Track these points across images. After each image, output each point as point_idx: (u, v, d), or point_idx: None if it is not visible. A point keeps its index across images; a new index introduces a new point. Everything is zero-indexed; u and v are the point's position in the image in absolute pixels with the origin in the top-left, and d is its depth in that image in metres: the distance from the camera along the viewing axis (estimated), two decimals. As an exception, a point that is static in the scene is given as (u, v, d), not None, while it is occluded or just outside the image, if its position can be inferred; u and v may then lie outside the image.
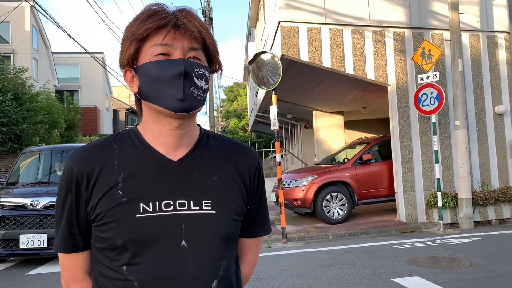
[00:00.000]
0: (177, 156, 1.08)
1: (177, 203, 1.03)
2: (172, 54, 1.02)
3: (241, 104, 41.25)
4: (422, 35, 9.12)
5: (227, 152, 1.15)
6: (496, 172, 9.25)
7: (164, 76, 1.00)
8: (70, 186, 1.05)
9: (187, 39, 1.03)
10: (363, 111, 14.02)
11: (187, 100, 1.01)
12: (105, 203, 1.02)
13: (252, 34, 19.09)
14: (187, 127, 1.08)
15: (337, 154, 11.27)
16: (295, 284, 5.03)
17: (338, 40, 8.81)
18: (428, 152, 8.95)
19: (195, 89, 1.02)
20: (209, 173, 1.09)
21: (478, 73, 9.36)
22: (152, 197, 1.02)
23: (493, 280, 4.81)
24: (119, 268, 1.01)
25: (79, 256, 1.09)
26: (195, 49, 1.04)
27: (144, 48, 1.03)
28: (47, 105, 16.66)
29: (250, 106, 23.55)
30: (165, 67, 1.01)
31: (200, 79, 1.03)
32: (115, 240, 1.00)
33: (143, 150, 1.08)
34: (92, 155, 1.07)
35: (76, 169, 1.05)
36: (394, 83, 9.03)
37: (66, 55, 29.82)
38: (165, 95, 1.01)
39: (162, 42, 1.01)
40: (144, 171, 1.05)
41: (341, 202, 9.28)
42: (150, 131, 1.09)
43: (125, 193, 1.02)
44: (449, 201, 8.48)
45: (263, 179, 1.21)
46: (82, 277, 1.11)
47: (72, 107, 22.96)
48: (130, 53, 1.04)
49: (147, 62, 1.02)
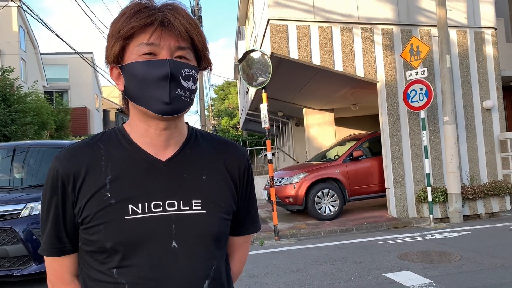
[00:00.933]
0: (165, 156, 1.06)
1: (167, 204, 1.01)
2: (159, 53, 0.99)
3: (232, 103, 41.23)
4: (410, 32, 9.18)
5: (216, 150, 1.13)
6: (484, 167, 9.36)
7: (150, 77, 0.97)
8: (56, 188, 1.02)
9: (174, 38, 1.00)
10: (353, 108, 14.08)
11: (174, 103, 0.99)
12: (93, 205, 1.00)
13: (242, 33, 19.08)
14: (174, 127, 1.06)
15: (328, 151, 11.31)
16: (287, 281, 5.05)
17: (327, 38, 8.84)
18: (418, 147, 9.03)
19: (182, 91, 0.99)
20: (198, 172, 1.07)
21: (466, 69, 9.45)
22: (141, 198, 1.00)
23: (482, 273, 4.88)
24: (109, 271, 0.99)
25: (66, 259, 1.07)
26: (182, 48, 1.01)
27: (130, 46, 1.00)
28: (36, 106, 16.52)
29: (241, 105, 23.55)
30: (151, 68, 0.97)
31: (187, 80, 1.00)
32: (104, 243, 0.98)
33: (130, 150, 1.05)
34: (78, 156, 1.04)
35: (62, 170, 1.02)
36: (383, 79, 9.09)
37: (55, 56, 29.54)
38: (151, 98, 0.98)
39: (148, 41, 0.98)
40: (132, 171, 1.03)
41: (333, 199, 9.33)
42: (137, 131, 1.06)
43: (113, 194, 1.00)
44: (439, 196, 8.56)
45: (252, 176, 1.20)
46: (69, 280, 1.08)
47: (61, 108, 22.79)
48: (115, 51, 1.01)
49: (133, 62, 0.99)
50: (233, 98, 41.25)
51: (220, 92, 45.89)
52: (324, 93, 12.52)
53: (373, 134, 10.31)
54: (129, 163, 1.04)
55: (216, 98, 46.55)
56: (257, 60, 7.87)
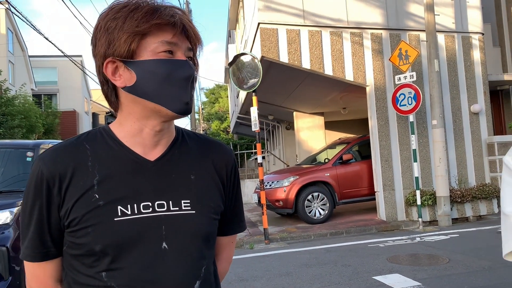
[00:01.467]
0: (153, 156, 1.04)
1: (156, 205, 1.00)
2: (176, 53, 1.00)
3: (222, 106, 41.23)
4: (399, 36, 9.27)
5: (203, 150, 1.13)
6: (472, 170, 9.45)
7: (173, 76, 0.98)
8: (40, 190, 0.99)
9: (187, 40, 1.02)
10: (342, 112, 14.16)
11: (189, 103, 1.02)
12: (80, 207, 0.97)
13: (232, 36, 19.11)
14: (167, 128, 1.06)
15: (318, 155, 11.35)
16: (277, 284, 5.05)
17: (317, 42, 8.89)
18: (407, 151, 9.10)
19: (193, 91, 1.03)
20: (187, 172, 1.06)
21: (454, 73, 9.56)
22: (130, 199, 0.99)
23: (470, 275, 4.92)
24: (98, 274, 0.97)
25: (50, 264, 1.03)
26: (191, 49, 1.04)
27: (144, 42, 0.98)
28: (24, 109, 16.36)
29: (231, 108, 23.55)
30: (174, 67, 0.99)
31: (195, 82, 1.05)
32: (93, 246, 0.95)
33: (117, 150, 1.03)
34: (63, 156, 1.01)
35: (47, 171, 0.98)
36: (372, 83, 9.15)
37: (44, 59, 29.30)
38: (170, 96, 0.99)
39: (169, 39, 0.99)
40: (120, 172, 1.01)
41: (323, 202, 9.35)
42: (128, 130, 1.04)
43: (102, 196, 0.98)
44: (427, 199, 8.63)
45: (239, 176, 1.20)
46: (52, 286, 1.05)
47: (50, 111, 22.59)
48: (133, 46, 0.97)
49: (154, 59, 0.98)
50: (224, 101, 41.26)
51: (211, 95, 45.88)
52: (314, 97, 12.57)
53: (362, 138, 10.37)
54: (116, 163, 1.02)
55: (207, 101, 46.53)
56: (247, 63, 7.88)
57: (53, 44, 14.19)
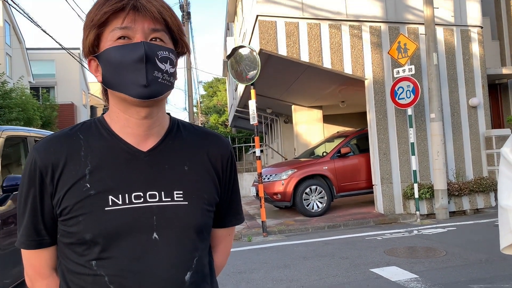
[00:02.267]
0: (146, 146, 1.04)
1: (148, 195, 1.00)
2: (133, 37, 0.97)
3: (221, 100, 41.17)
4: (398, 29, 9.24)
5: (199, 141, 1.12)
6: (470, 164, 9.48)
7: (125, 61, 0.96)
8: (34, 179, 1.00)
9: (148, 20, 0.98)
10: (341, 105, 14.15)
11: (151, 85, 0.96)
12: (72, 196, 0.98)
13: (231, 29, 19.04)
14: (155, 115, 1.04)
15: (316, 148, 11.36)
16: (275, 277, 5.07)
17: (315, 35, 8.86)
18: (405, 144, 9.10)
19: (159, 73, 0.97)
20: (180, 163, 1.06)
21: (453, 67, 9.55)
22: (121, 189, 0.99)
23: (467, 267, 4.94)
24: (88, 263, 0.97)
25: (45, 252, 1.04)
26: (157, 30, 0.99)
27: (104, 33, 0.98)
28: (21, 102, 16.31)
29: (229, 102, 23.52)
30: (126, 51, 0.96)
31: (165, 62, 0.98)
32: (83, 235, 0.96)
33: (110, 141, 1.03)
34: (56, 146, 1.02)
35: (40, 161, 1.00)
36: (371, 77, 9.14)
37: (41, 51, 29.18)
38: (128, 82, 0.96)
39: (121, 25, 0.97)
40: (113, 162, 1.01)
41: (320, 195, 9.37)
42: (117, 121, 1.04)
43: (93, 185, 0.98)
44: (425, 193, 8.65)
45: (236, 168, 1.19)
46: (48, 274, 1.06)
47: (48, 104, 22.53)
48: (90, 40, 0.99)
49: (108, 48, 0.97)
50: (222, 95, 41.19)
51: (209, 89, 45.78)
52: (313, 90, 12.56)
53: (360, 131, 10.38)
54: (109, 153, 1.02)
55: (205, 95, 46.43)
56: (246, 56, 7.86)
57: (50, 36, 14.17)
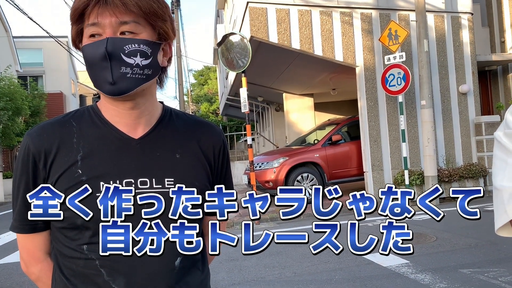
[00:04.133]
0: (138, 134, 1.05)
1: (139, 182, 1.01)
2: (103, 33, 0.96)
3: (211, 88, 41.00)
4: (389, 16, 9.22)
5: (191, 130, 1.12)
6: (460, 150, 9.56)
7: (94, 59, 0.96)
8: (27, 165, 1.02)
9: (115, 13, 0.95)
10: (332, 93, 14.15)
11: (119, 82, 0.96)
12: (63, 182, 0.99)
13: (221, 16, 18.88)
14: (142, 105, 1.04)
15: (308, 136, 11.38)
16: (267, 264, 5.10)
17: (306, 22, 8.81)
18: (395, 131, 9.15)
19: (128, 69, 0.96)
20: (171, 151, 1.06)
21: (443, 54, 9.57)
22: (112, 175, 1.00)
23: (457, 252, 5.01)
24: (80, 247, 0.99)
25: (38, 236, 1.06)
26: (125, 22, 0.96)
27: (84, 29, 0.99)
28: (9, 91, 16.07)
29: (220, 90, 23.42)
30: (93, 49, 0.96)
31: (134, 56, 0.96)
32: (74, 219, 0.96)
33: (103, 128, 1.05)
34: (49, 133, 1.03)
35: (33, 147, 1.01)
36: (362, 64, 9.13)
37: (28, 39, 28.67)
38: (99, 79, 0.97)
39: (90, 21, 0.96)
40: (104, 149, 1.02)
41: (312, 183, 9.41)
42: (108, 110, 1.06)
43: (85, 171, 0.99)
44: (415, 179, 8.73)
45: (228, 157, 1.20)
46: (42, 258, 1.08)
47: (36, 93, 22.22)
48: (72, 35, 1.02)
49: (83, 45, 0.99)
50: (213, 83, 40.99)
51: (200, 77, 45.53)
52: (304, 78, 12.54)
53: (351, 119, 10.40)
54: (101, 140, 1.03)
55: (196, 83, 46.18)
56: (237, 43, 7.80)
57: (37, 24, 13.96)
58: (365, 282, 4.35)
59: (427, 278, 4.35)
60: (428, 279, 4.31)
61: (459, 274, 4.35)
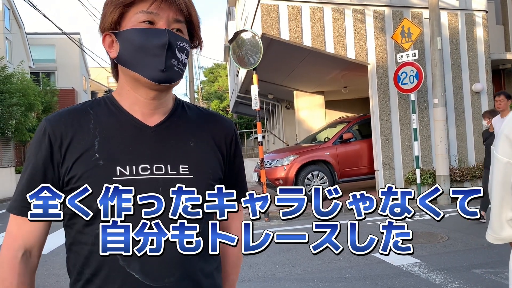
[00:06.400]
0: (153, 122, 1.08)
1: (154, 168, 1.03)
2: (157, 23, 1.02)
3: (221, 85, 41.01)
4: (402, 14, 9.14)
5: (203, 121, 1.16)
6: (472, 149, 9.45)
7: (147, 44, 1.00)
8: (41, 144, 1.03)
9: (173, 10, 1.02)
10: (343, 91, 14.08)
11: (168, 71, 1.01)
12: (80, 165, 1.00)
13: (232, 13, 18.87)
14: (163, 98, 1.09)
15: (318, 134, 11.33)
16: (277, 261, 5.09)
17: (318, 19, 8.76)
18: (407, 130, 9.07)
19: (176, 62, 1.02)
20: (185, 139, 1.10)
21: (456, 52, 9.46)
22: (128, 160, 1.02)
23: (469, 252, 4.96)
24: (94, 232, 0.97)
25: (28, 224, 1.02)
26: (179, 21, 1.04)
27: (129, 14, 1.02)
28: (22, 87, 16.23)
29: (231, 87, 23.42)
30: (150, 35, 1.00)
31: (182, 52, 1.03)
32: (90, 203, 0.95)
33: (119, 115, 1.07)
34: (66, 118, 1.06)
35: (50, 129, 1.03)
36: (374, 62, 9.06)
37: (41, 36, 28.94)
38: (146, 64, 1.01)
39: (147, 9, 1.01)
40: (121, 135, 1.05)
41: (322, 181, 9.37)
42: (126, 98, 1.09)
43: (102, 155, 1.01)
44: (427, 178, 8.65)
45: (240, 147, 1.22)
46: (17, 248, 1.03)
47: (48, 89, 22.42)
48: (113, 17, 1.03)
49: (131, 28, 1.02)
50: (223, 80, 41.00)
51: (210, 74, 45.55)
52: (315, 75, 12.48)
53: (363, 117, 10.34)
54: (117, 127, 1.06)
55: (206, 80, 46.23)
56: (248, 40, 7.78)
57: (50, 21, 14.05)
58: (376, 281, 4.31)
59: (439, 277, 4.31)
60: (440, 279, 4.26)
61: (471, 274, 4.30)
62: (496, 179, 1.09)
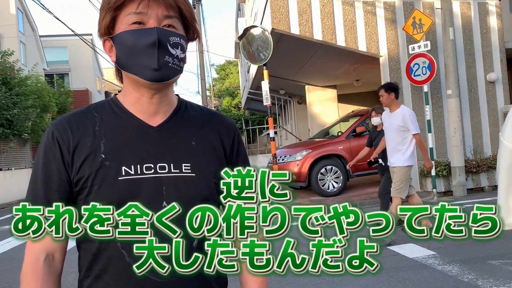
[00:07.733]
0: (156, 122, 1.11)
1: (158, 167, 1.06)
2: (147, 22, 1.03)
3: (233, 82, 41.03)
4: (413, 5, 9.03)
5: (205, 120, 1.18)
6: (488, 140, 9.32)
7: (138, 45, 1.02)
8: (51, 149, 1.05)
9: (162, 7, 1.03)
10: (355, 84, 13.99)
11: (162, 69, 1.03)
12: (87, 166, 1.04)
13: (242, 10, 18.86)
14: (165, 96, 1.11)
15: (331, 128, 11.29)
16: (291, 255, 5.10)
17: (328, 12, 8.71)
18: (421, 122, 8.96)
19: (170, 58, 1.03)
20: (188, 138, 1.12)
21: (470, 41, 9.33)
22: (133, 160, 1.05)
23: (485, 244, 4.89)
24: None
25: None
26: (170, 17, 1.04)
27: (120, 17, 1.04)
28: (37, 89, 16.45)
29: (242, 84, 23.43)
30: (139, 36, 1.02)
31: (176, 48, 1.04)
32: (97, 203, 0.98)
33: (123, 117, 1.11)
34: (72, 121, 1.09)
35: (57, 133, 1.07)
36: (386, 54, 8.99)
37: (54, 38, 29.31)
38: (140, 65, 1.03)
39: (136, 10, 1.02)
40: (125, 136, 1.08)
41: (336, 175, 9.34)
42: (129, 99, 1.12)
43: (107, 156, 1.05)
44: (442, 170, 8.56)
45: (242, 144, 1.24)
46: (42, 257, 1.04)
47: (63, 91, 22.69)
48: (106, 22, 1.06)
49: (122, 31, 1.04)
50: (235, 77, 41.01)
51: (221, 71, 45.62)
52: (326, 69, 12.42)
53: (376, 110, 10.24)
54: (122, 128, 1.09)
55: (217, 78, 46.30)
56: (258, 36, 7.79)
57: (63, 23, 14.25)
58: (390, 274, 4.30)
59: (455, 269, 4.28)
60: (456, 270, 4.23)
61: (488, 266, 4.26)
62: (502, 165, 1.08)
